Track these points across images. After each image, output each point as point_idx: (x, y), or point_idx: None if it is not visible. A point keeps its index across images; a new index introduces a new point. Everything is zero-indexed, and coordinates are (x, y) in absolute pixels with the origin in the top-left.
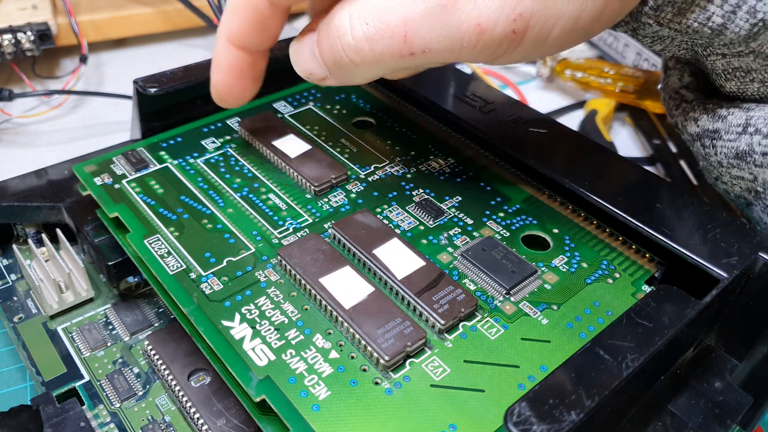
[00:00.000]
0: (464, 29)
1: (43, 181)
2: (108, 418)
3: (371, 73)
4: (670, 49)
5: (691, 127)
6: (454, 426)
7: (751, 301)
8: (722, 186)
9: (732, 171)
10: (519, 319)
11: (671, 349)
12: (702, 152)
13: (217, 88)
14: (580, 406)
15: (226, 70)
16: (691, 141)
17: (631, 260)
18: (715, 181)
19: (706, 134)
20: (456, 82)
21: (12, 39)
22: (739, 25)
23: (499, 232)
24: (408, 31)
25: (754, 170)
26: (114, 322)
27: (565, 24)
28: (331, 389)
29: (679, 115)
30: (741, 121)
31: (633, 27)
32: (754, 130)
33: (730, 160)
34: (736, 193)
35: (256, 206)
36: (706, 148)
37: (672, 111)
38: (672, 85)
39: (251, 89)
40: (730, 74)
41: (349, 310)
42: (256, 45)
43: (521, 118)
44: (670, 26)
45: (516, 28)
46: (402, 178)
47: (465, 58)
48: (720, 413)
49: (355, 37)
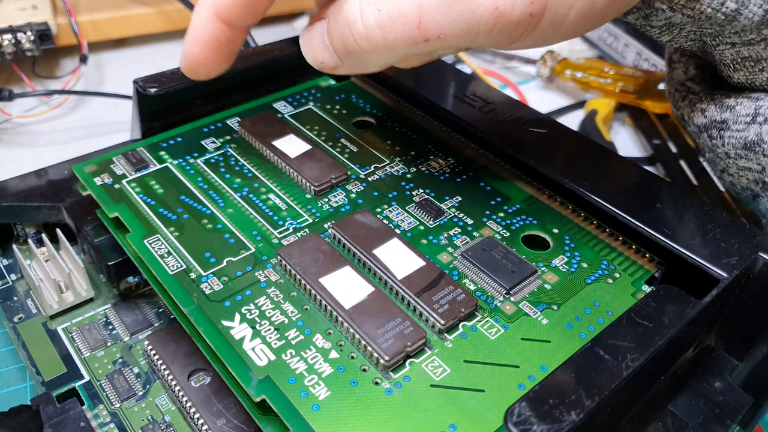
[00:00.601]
0: (481, 13)
1: (43, 181)
2: (108, 418)
3: (383, 60)
4: (678, 40)
5: (697, 119)
6: (454, 426)
7: (751, 301)
8: (728, 178)
9: (739, 162)
10: (519, 319)
11: (671, 349)
12: (708, 144)
13: (191, 60)
14: (580, 406)
15: (206, 42)
16: (698, 133)
17: (631, 260)
18: (721, 173)
19: (713, 125)
20: (456, 82)
21: (12, 39)
22: (752, 11)
23: (499, 232)
24: (422, 17)
25: (763, 160)
26: (114, 322)
27: (582, 6)
28: (331, 389)
29: (685, 106)
30: (750, 111)
31: (645, 14)
32: (764, 120)
33: (738, 151)
34: (743, 185)
35: (256, 206)
36: (713, 139)
37: (678, 103)
38: (677, 78)
39: (226, 64)
40: (739, 64)
41: (349, 310)
42: (241, 20)
43: (521, 118)
44: (684, 12)
45: (534, 10)
46: (402, 178)
47: (480, 43)
48: (720, 413)
49: (366, 24)
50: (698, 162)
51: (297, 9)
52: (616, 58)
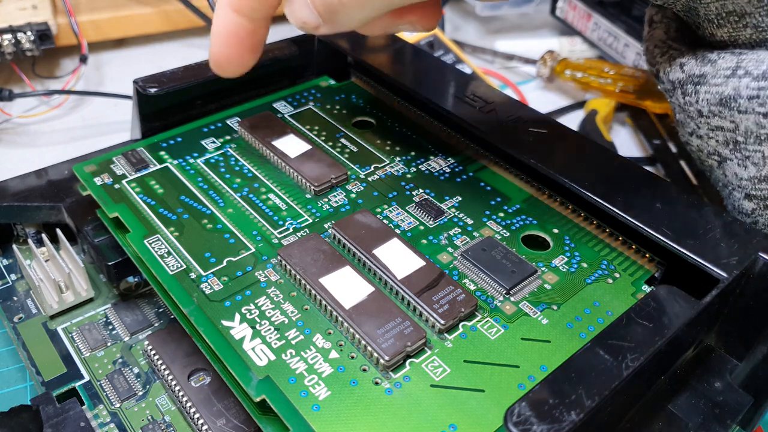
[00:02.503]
0: None
1: (43, 181)
2: (108, 418)
3: (361, 15)
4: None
5: (674, 73)
6: (454, 426)
7: (751, 301)
8: (696, 141)
9: (711, 121)
10: (519, 319)
11: (671, 349)
12: (681, 101)
13: (215, 57)
14: (580, 406)
15: (227, 37)
16: (671, 90)
17: (631, 260)
18: (689, 136)
19: (690, 80)
20: (456, 82)
21: (12, 39)
22: None
23: (499, 232)
24: None
25: (737, 117)
26: (114, 322)
27: None
28: (331, 389)
29: (664, 62)
30: (731, 64)
31: None
32: (744, 73)
33: (712, 107)
34: (710, 150)
35: (256, 206)
36: (687, 95)
37: (656, 59)
38: (658, 37)
39: (250, 58)
40: (724, 19)
41: (349, 310)
42: (257, 12)
43: (521, 118)
44: None
45: None
46: (402, 178)
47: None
48: (720, 413)
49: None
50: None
51: None
52: (616, 58)
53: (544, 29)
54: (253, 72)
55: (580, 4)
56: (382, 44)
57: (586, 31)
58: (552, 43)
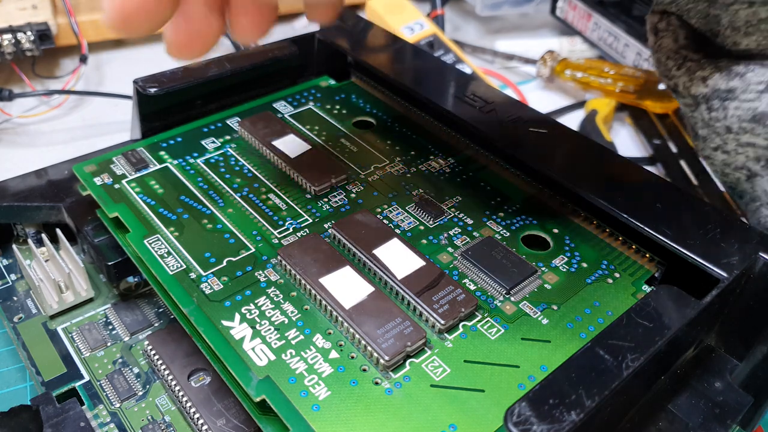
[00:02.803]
0: None
1: (43, 181)
2: (108, 418)
3: None
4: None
5: (696, 88)
6: (454, 426)
7: (751, 301)
8: (721, 157)
9: (742, 137)
10: (519, 319)
11: (671, 349)
12: (706, 117)
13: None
14: (580, 406)
15: None
16: (694, 105)
17: (631, 260)
18: (713, 151)
19: (716, 95)
20: (456, 82)
21: (12, 39)
22: None
23: (499, 232)
24: None
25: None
26: (114, 322)
27: None
28: (331, 389)
29: (682, 75)
30: (763, 78)
31: None
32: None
33: (744, 124)
34: (737, 164)
35: (256, 206)
36: (713, 111)
37: (671, 72)
38: (668, 46)
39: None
40: (754, 27)
41: (349, 310)
42: None
43: (521, 118)
44: None
45: None
46: (402, 178)
47: None
48: (720, 413)
49: None
50: (698, 162)
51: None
52: (616, 58)
53: (544, 29)
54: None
55: (580, 4)
56: (382, 44)
57: (586, 31)
58: (552, 43)
